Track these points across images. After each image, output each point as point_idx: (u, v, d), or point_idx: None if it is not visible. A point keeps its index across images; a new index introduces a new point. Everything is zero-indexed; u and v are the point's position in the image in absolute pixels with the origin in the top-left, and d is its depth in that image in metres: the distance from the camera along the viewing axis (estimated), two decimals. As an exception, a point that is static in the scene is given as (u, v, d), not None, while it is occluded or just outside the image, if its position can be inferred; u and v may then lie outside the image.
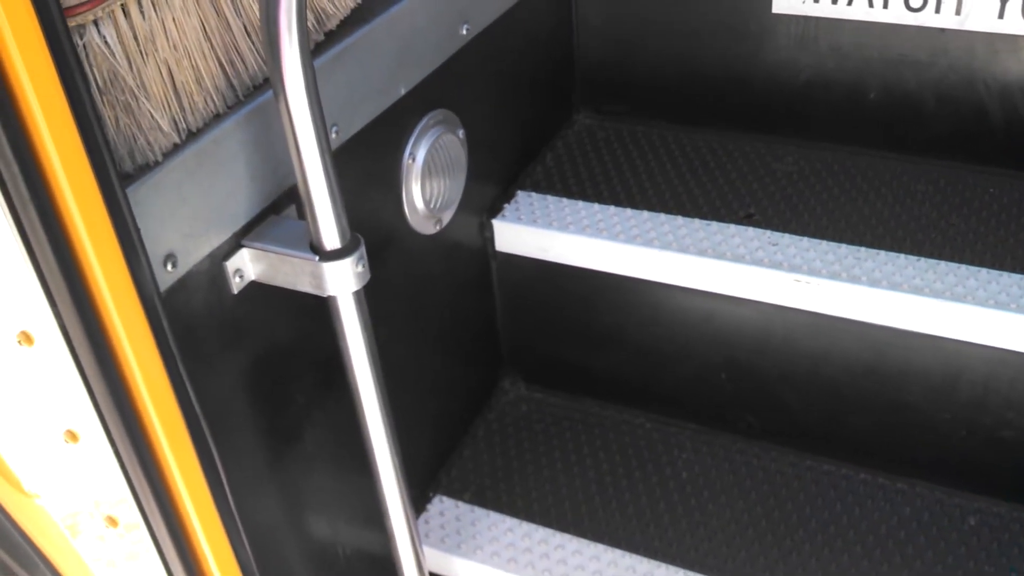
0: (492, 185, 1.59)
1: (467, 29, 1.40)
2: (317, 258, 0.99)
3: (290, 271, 1.02)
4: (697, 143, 1.71)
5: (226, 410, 1.09)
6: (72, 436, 0.95)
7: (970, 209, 1.50)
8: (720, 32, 1.67)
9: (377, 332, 1.10)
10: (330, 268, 0.99)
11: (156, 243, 0.92)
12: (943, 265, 1.38)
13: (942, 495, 1.49)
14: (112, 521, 1.02)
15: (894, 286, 1.35)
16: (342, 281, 1.00)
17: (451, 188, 1.43)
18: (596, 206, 1.57)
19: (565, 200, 1.60)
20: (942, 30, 1.51)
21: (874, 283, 1.36)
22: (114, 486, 0.97)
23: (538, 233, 1.54)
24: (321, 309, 1.06)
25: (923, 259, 1.40)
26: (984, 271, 1.37)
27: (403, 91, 1.27)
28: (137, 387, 0.90)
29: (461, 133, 1.42)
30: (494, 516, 1.51)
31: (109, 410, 0.90)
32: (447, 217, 1.44)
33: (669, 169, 1.65)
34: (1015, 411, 1.38)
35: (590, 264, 1.53)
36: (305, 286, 1.02)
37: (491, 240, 1.59)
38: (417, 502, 1.53)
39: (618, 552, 1.43)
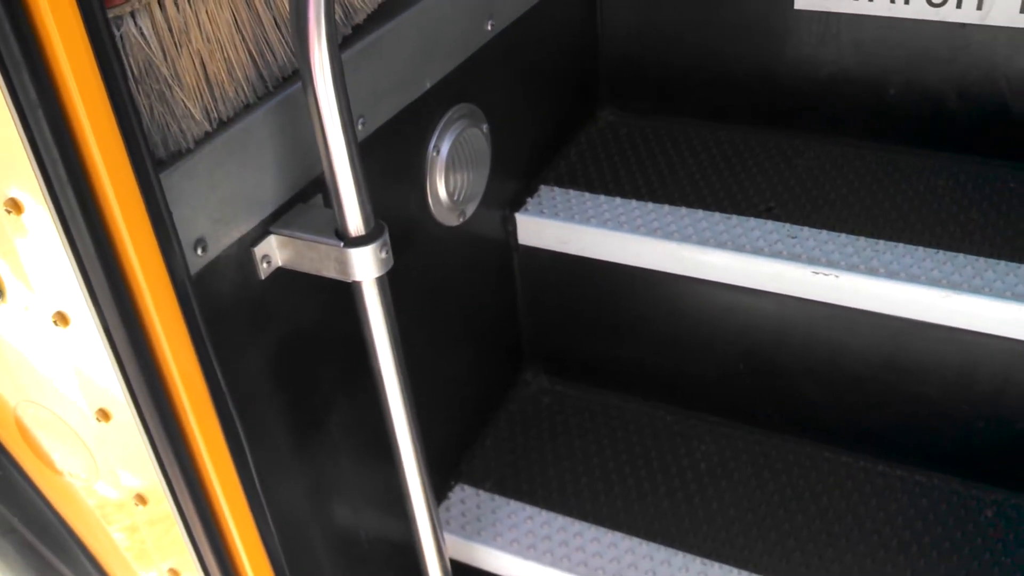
0: (515, 179, 1.62)
1: (492, 25, 1.42)
2: (342, 244, 1.02)
3: (316, 257, 1.05)
4: (720, 139, 1.73)
5: (253, 393, 1.12)
6: (104, 415, 0.98)
7: (990, 203, 1.51)
8: (743, 29, 1.68)
9: (400, 321, 1.13)
10: (355, 254, 1.02)
11: (187, 228, 0.95)
12: (961, 257, 1.39)
13: (959, 487, 1.50)
14: (141, 499, 1.05)
15: (912, 278, 1.36)
16: (366, 267, 1.03)
17: (474, 181, 1.45)
18: (617, 200, 1.59)
19: (587, 195, 1.62)
20: (963, 25, 1.52)
21: (892, 275, 1.37)
22: (144, 465, 1.00)
23: (559, 226, 1.56)
24: (345, 296, 1.09)
25: (942, 252, 1.41)
26: (1003, 263, 1.38)
27: (428, 85, 1.30)
28: (168, 367, 0.92)
29: (485, 127, 1.45)
30: (514, 504, 1.53)
31: (141, 390, 0.92)
32: (470, 210, 1.46)
33: (691, 164, 1.67)
34: (1033, 403, 1.39)
35: (611, 257, 1.55)
36: (330, 272, 1.05)
37: (513, 233, 1.61)
38: (439, 490, 1.56)
39: (635, 540, 1.45)
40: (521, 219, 1.59)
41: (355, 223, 1.02)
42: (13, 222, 0.85)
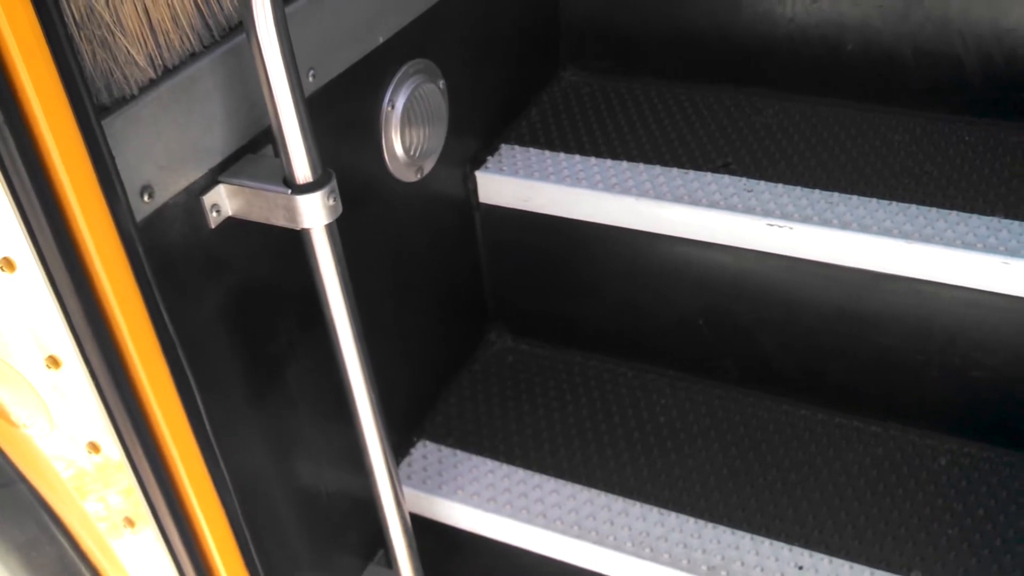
0: (475, 137, 1.62)
1: (447, -19, 1.42)
2: (290, 191, 1.03)
3: (264, 205, 1.06)
4: (680, 97, 1.73)
5: (206, 342, 1.12)
6: (54, 362, 0.98)
7: (944, 157, 1.52)
8: (702, -12, 1.69)
9: (361, 277, 1.13)
10: (302, 201, 1.02)
11: (132, 174, 0.95)
12: (914, 208, 1.41)
13: (915, 437, 1.52)
14: (94, 447, 1.05)
15: (864, 228, 1.38)
16: (314, 213, 1.03)
17: (432, 137, 1.45)
18: (577, 158, 1.60)
19: (547, 153, 1.62)
20: (917, -20, 1.53)
21: (845, 226, 1.39)
22: (95, 412, 1.00)
23: (520, 184, 1.57)
24: (298, 247, 1.09)
25: (895, 203, 1.43)
26: (954, 213, 1.39)
27: (381, 39, 1.30)
28: (113, 312, 0.93)
29: (442, 83, 1.45)
30: (475, 459, 1.54)
31: (86, 335, 0.93)
32: (428, 166, 1.47)
33: (651, 122, 1.68)
34: (984, 351, 1.41)
35: (570, 213, 1.56)
36: (279, 220, 1.05)
37: (474, 192, 1.62)
38: (401, 446, 1.57)
39: (594, 491, 1.47)
40: (481, 177, 1.59)
41: (302, 171, 1.02)
42: (-47, 167, 0.86)
